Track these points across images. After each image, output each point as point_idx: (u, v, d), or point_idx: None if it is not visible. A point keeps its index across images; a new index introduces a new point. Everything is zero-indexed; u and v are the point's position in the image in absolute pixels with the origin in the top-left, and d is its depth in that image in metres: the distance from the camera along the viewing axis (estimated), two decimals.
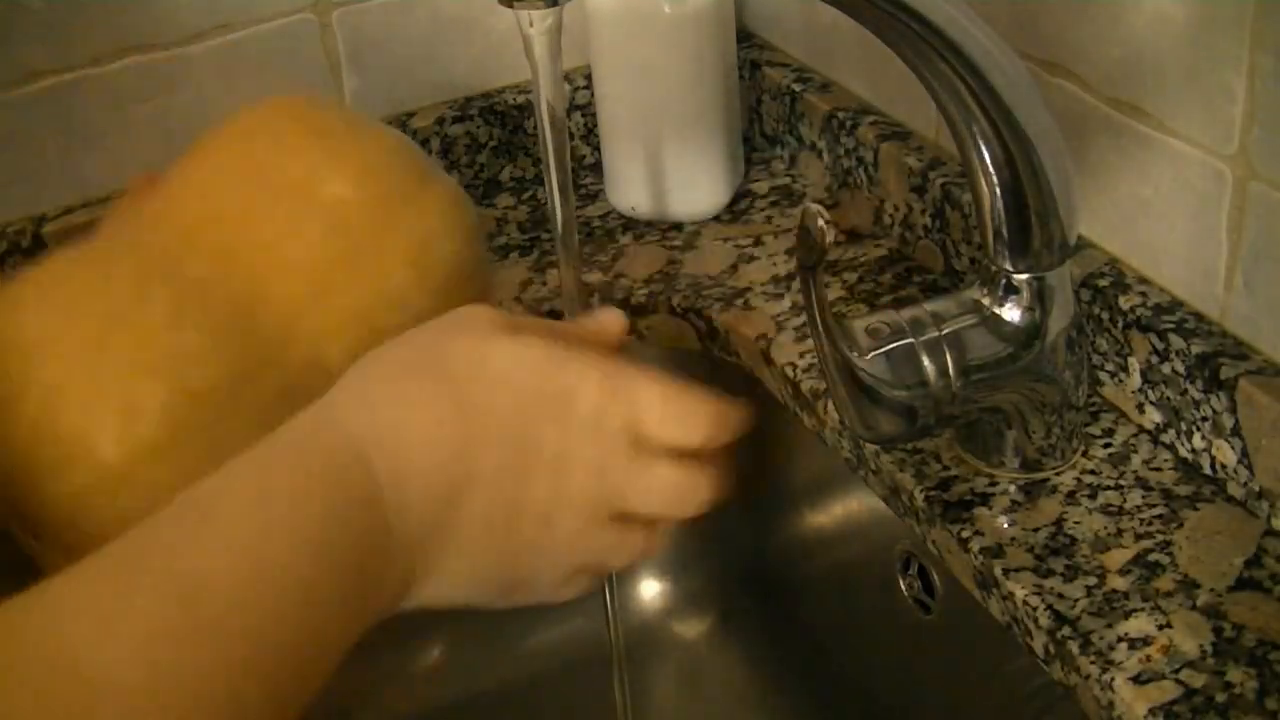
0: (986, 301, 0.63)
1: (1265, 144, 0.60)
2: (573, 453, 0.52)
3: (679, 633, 0.91)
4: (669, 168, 0.88)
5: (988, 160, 0.60)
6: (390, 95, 0.92)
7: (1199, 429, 0.65)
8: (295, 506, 0.47)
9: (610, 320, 0.59)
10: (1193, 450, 0.66)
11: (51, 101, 0.83)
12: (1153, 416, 0.68)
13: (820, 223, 0.56)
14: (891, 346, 0.62)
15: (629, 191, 0.90)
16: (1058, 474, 0.67)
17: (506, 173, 0.96)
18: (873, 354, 0.61)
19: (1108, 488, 0.66)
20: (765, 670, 0.90)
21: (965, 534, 0.64)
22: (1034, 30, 0.70)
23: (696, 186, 0.89)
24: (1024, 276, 0.62)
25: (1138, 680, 0.56)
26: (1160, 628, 0.59)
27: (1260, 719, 0.55)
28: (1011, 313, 0.63)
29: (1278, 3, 0.57)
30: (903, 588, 0.74)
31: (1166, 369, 0.65)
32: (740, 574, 0.90)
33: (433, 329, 0.54)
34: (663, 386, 0.54)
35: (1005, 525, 0.64)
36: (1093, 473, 0.67)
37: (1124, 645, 0.58)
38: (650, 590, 0.91)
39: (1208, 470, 0.65)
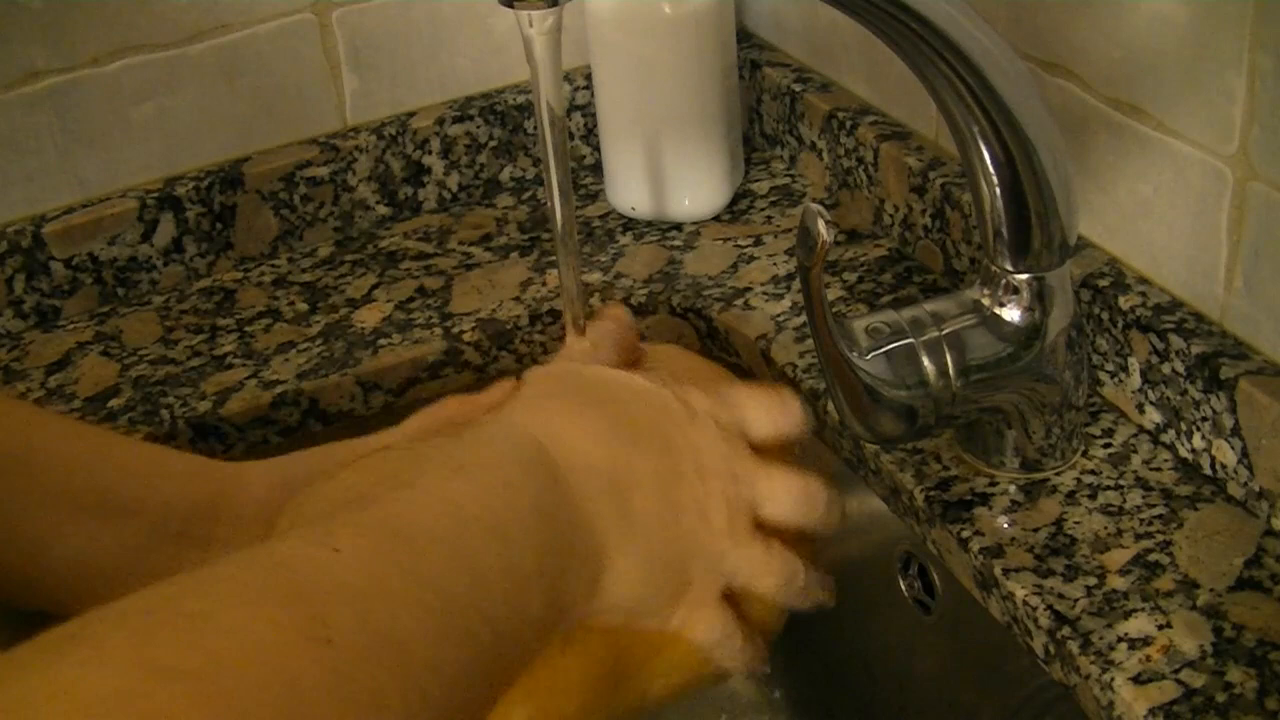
0: (986, 301, 0.63)
1: (1265, 144, 0.60)
2: (708, 455, 0.55)
3: None
4: (669, 168, 0.88)
5: (988, 160, 0.60)
6: (390, 95, 0.92)
7: (1199, 429, 0.65)
8: (490, 480, 0.48)
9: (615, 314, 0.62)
10: (1193, 450, 0.66)
11: (51, 101, 0.83)
12: (1153, 416, 0.68)
13: (820, 223, 0.56)
14: (891, 346, 0.62)
15: (629, 191, 0.90)
16: (1058, 474, 0.67)
17: (506, 173, 0.96)
18: (873, 354, 0.61)
19: (1108, 488, 0.66)
20: (764, 671, 0.89)
21: (965, 534, 0.64)
22: (1034, 30, 0.70)
23: (696, 186, 0.89)
24: (1024, 277, 0.62)
25: (1138, 680, 0.56)
26: (1160, 628, 0.58)
27: (1260, 719, 0.55)
28: (1011, 313, 0.63)
29: (1278, 3, 0.57)
30: (903, 588, 0.74)
31: (1166, 369, 0.65)
32: None
33: (562, 364, 0.59)
34: (747, 386, 0.59)
35: (1005, 525, 0.64)
36: (1093, 473, 0.67)
37: (1124, 645, 0.58)
38: None
39: (1208, 470, 0.65)
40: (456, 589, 0.43)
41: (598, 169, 0.95)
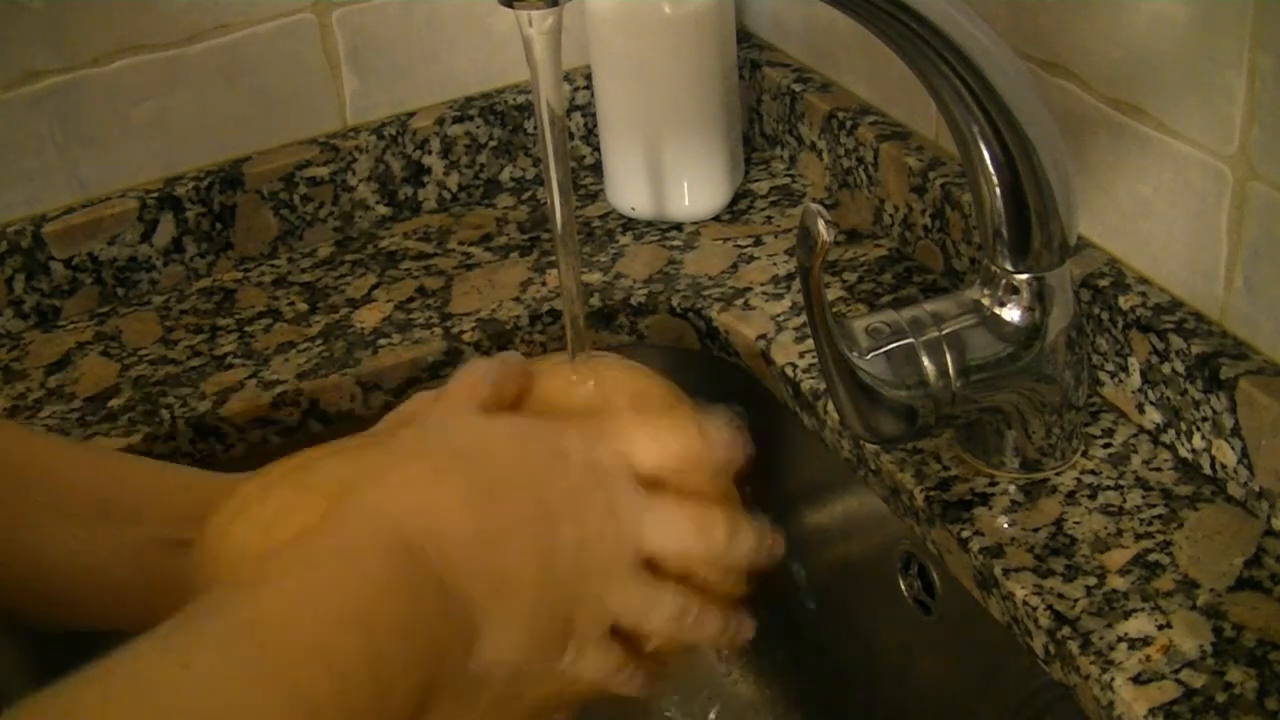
0: (986, 301, 0.63)
1: (1265, 144, 0.60)
2: (584, 497, 0.54)
3: None
4: (669, 168, 0.88)
5: (988, 160, 0.60)
6: (390, 95, 0.92)
7: (1199, 429, 0.65)
8: (346, 574, 0.49)
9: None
10: (1193, 450, 0.66)
11: (51, 101, 0.83)
12: (1153, 416, 0.68)
13: (820, 223, 0.56)
14: (891, 346, 0.62)
15: (629, 191, 0.90)
16: (1058, 474, 0.67)
17: (506, 173, 0.96)
18: (873, 354, 0.61)
19: (1108, 488, 0.66)
20: (765, 670, 0.89)
21: (965, 534, 0.64)
22: (1034, 30, 0.70)
23: (696, 186, 0.89)
24: (1024, 276, 0.62)
25: (1138, 680, 0.56)
26: (1160, 628, 0.58)
27: (1260, 719, 0.55)
28: (1011, 313, 0.63)
29: (1278, 3, 0.57)
30: (903, 588, 0.74)
31: (1166, 369, 0.65)
32: None
33: (421, 415, 0.58)
34: (639, 415, 0.57)
35: (1005, 525, 0.64)
36: (1093, 473, 0.67)
37: (1124, 645, 0.58)
38: None
39: (1208, 470, 0.65)
40: (317, 690, 0.44)
41: (598, 169, 0.95)
